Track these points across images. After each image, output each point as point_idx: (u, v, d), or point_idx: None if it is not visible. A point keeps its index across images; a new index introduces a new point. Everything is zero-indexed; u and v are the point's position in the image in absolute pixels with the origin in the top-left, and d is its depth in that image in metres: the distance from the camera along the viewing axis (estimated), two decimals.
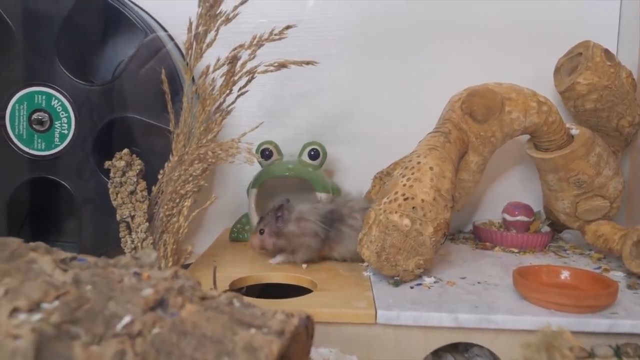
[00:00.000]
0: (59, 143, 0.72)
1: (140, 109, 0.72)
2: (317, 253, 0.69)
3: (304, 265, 0.69)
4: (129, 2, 0.73)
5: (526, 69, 0.84)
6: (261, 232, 0.69)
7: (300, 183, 0.83)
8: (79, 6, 0.70)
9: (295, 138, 0.85)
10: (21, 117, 0.71)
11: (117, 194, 0.58)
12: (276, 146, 0.80)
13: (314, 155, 0.80)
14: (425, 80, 0.87)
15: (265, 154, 0.79)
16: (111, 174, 0.58)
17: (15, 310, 0.34)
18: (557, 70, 0.80)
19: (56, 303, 0.35)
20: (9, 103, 0.71)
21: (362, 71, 0.86)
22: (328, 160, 0.82)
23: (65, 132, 0.72)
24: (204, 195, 0.66)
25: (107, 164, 0.58)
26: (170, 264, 0.58)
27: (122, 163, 0.57)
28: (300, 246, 0.68)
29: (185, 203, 0.59)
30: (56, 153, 0.72)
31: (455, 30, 0.86)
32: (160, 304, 0.35)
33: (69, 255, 0.43)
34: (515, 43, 0.87)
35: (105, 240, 0.72)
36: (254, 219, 0.79)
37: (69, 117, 0.71)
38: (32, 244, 0.44)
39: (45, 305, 0.34)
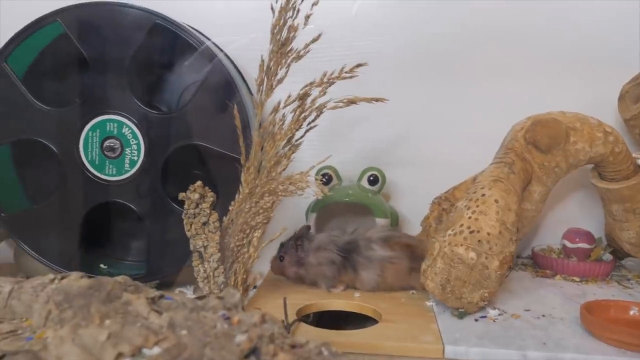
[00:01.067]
0: (129, 169, 0.75)
1: (206, 137, 0.74)
2: (335, 281, 0.70)
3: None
4: (192, 31, 0.75)
5: (586, 95, 0.83)
6: (281, 258, 0.72)
7: (359, 208, 0.84)
8: (150, 36, 0.73)
9: (352, 162, 0.86)
10: (94, 143, 0.74)
11: (190, 224, 0.60)
12: (335, 171, 0.81)
13: (374, 180, 0.81)
14: (483, 105, 0.87)
15: (325, 178, 0.80)
16: (185, 206, 0.60)
17: (120, 356, 0.36)
18: (622, 97, 0.79)
19: (156, 349, 0.36)
20: (82, 130, 0.74)
21: (421, 95, 0.87)
22: (385, 184, 0.83)
23: (135, 158, 0.74)
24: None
25: (182, 195, 0.61)
26: (240, 292, 0.60)
27: (196, 195, 0.59)
28: (318, 276, 0.70)
29: (255, 234, 0.60)
30: (126, 178, 0.75)
31: (516, 55, 0.86)
32: (253, 351, 0.37)
33: (157, 293, 0.45)
34: (574, 68, 0.86)
35: (170, 262, 0.75)
36: None
37: (138, 144, 0.74)
38: (119, 278, 0.46)
39: (146, 351, 0.36)
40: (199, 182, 0.60)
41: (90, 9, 0.73)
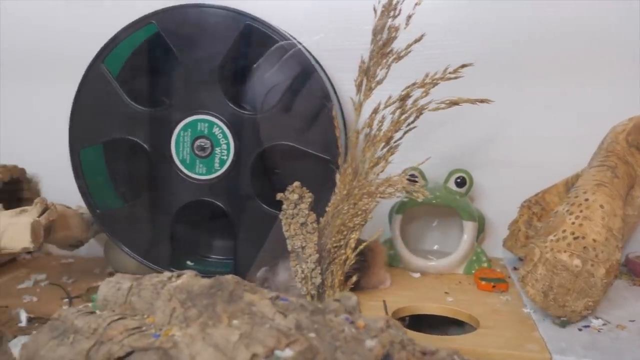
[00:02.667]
0: (219, 168, 0.76)
1: (295, 137, 0.74)
2: None
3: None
4: (282, 31, 0.75)
5: None
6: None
7: (444, 210, 0.83)
8: (241, 37, 0.74)
9: (437, 163, 0.84)
10: (185, 143, 0.76)
11: (289, 225, 0.60)
12: (421, 172, 0.80)
13: (461, 182, 0.79)
14: (573, 106, 0.84)
15: (411, 180, 0.80)
16: (284, 206, 0.60)
17: (254, 357, 0.36)
18: None
19: (288, 351, 0.36)
20: (174, 130, 0.75)
21: (509, 96, 0.84)
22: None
23: (225, 157, 0.75)
24: None
25: (280, 196, 0.61)
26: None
27: (295, 196, 0.59)
28: None
29: (353, 235, 0.60)
30: (215, 177, 0.76)
31: (610, 54, 0.83)
32: (385, 357, 0.36)
33: (273, 294, 0.45)
34: None
35: (257, 260, 0.75)
36: (399, 245, 0.79)
37: (228, 144, 0.75)
38: (232, 277, 0.46)
39: (279, 353, 0.36)
40: (297, 183, 0.60)
41: (185, 10, 0.74)
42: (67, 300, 0.75)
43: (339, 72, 0.83)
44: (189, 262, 0.82)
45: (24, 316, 0.65)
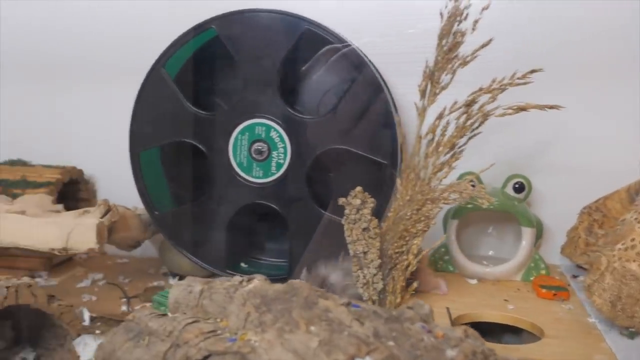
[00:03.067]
0: (275, 172, 0.76)
1: (353, 141, 0.74)
2: None
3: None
4: (341, 36, 0.75)
5: None
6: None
7: (501, 215, 0.81)
8: (300, 41, 0.74)
9: (493, 168, 0.83)
10: (242, 146, 0.76)
11: (351, 230, 0.60)
12: (478, 177, 0.79)
13: (519, 188, 0.78)
14: (637, 110, 0.81)
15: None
16: (346, 211, 0.60)
17: None
18: None
19: (369, 359, 0.36)
20: (232, 133, 0.76)
21: (567, 98, 0.82)
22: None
23: (282, 161, 0.76)
24: None
25: (342, 201, 0.61)
26: (399, 300, 0.60)
27: (358, 201, 0.59)
28: None
29: (415, 241, 0.60)
30: (272, 181, 0.76)
31: None
32: None
33: (345, 300, 0.45)
34: None
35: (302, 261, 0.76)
36: (455, 250, 0.79)
37: (285, 148, 0.75)
38: (301, 282, 0.46)
39: None
40: (358, 188, 0.60)
41: (244, 16, 0.75)
42: (125, 300, 0.77)
43: (392, 76, 0.82)
44: (243, 265, 0.83)
45: (86, 315, 0.66)
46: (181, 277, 0.80)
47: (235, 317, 0.44)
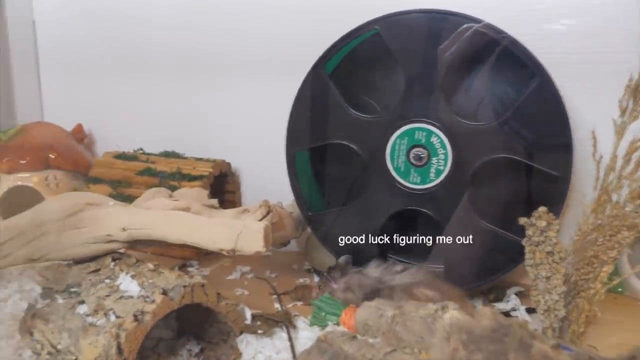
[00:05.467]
0: (434, 178, 0.74)
1: (521, 150, 0.70)
2: None
3: None
4: (514, 38, 0.70)
5: None
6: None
7: None
8: (469, 44, 0.70)
9: None
10: (401, 151, 0.74)
11: (533, 252, 0.57)
12: None
13: None
14: None
15: None
16: (529, 232, 0.57)
17: None
18: None
19: None
20: (390, 137, 0.74)
21: None
22: None
23: (441, 168, 0.73)
24: None
25: (523, 221, 0.57)
26: (582, 329, 0.56)
27: (543, 223, 0.55)
28: None
29: (604, 269, 0.55)
30: (430, 187, 0.74)
31: None
32: None
33: (553, 342, 0.42)
34: None
35: (463, 277, 0.73)
36: (627, 270, 0.73)
37: (446, 154, 0.73)
38: (512, 320, 0.44)
39: None
40: (543, 208, 0.57)
41: (409, 16, 0.72)
42: (275, 296, 0.78)
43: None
44: None
45: (248, 314, 0.68)
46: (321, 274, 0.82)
47: (440, 351, 0.43)
